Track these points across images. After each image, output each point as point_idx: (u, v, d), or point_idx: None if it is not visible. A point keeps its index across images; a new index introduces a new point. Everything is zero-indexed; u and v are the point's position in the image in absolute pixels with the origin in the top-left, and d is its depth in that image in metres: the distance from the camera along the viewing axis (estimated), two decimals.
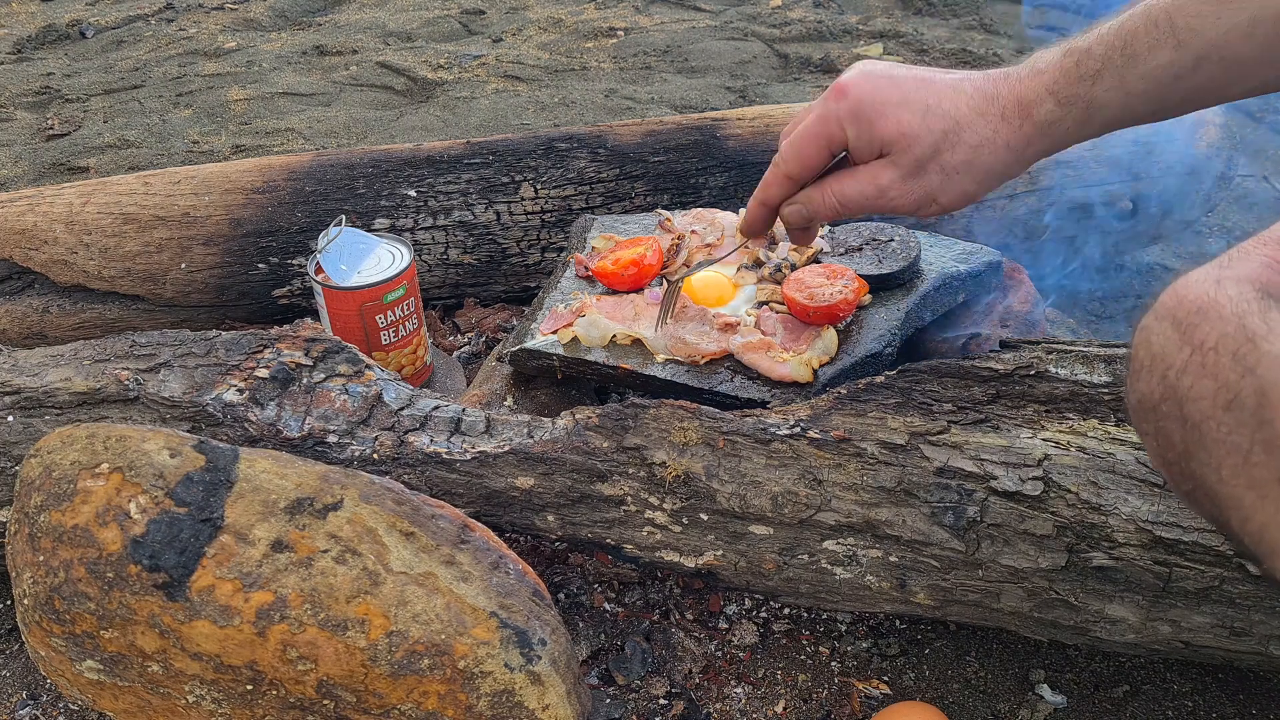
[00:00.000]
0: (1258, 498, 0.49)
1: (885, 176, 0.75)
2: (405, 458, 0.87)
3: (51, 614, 0.71)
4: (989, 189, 0.76)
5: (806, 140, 0.78)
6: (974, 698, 0.88)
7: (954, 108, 0.73)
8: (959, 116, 0.73)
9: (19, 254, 1.28)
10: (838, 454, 0.83)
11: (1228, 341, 0.50)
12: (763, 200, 0.83)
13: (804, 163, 0.78)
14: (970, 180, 0.75)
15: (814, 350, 0.96)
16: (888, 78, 0.75)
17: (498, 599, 0.71)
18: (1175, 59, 0.66)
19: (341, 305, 1.09)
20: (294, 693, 0.70)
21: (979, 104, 0.73)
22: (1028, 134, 0.72)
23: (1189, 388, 0.52)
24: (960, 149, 0.73)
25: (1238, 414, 0.49)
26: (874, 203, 0.77)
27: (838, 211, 0.79)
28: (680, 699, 0.87)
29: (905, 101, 0.73)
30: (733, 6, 2.79)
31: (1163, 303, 0.55)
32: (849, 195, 0.77)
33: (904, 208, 0.76)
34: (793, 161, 0.79)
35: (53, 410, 0.90)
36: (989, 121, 0.73)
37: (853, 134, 0.75)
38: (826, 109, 0.76)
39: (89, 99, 2.39)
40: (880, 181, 0.76)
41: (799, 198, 0.81)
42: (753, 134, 1.35)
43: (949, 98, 0.73)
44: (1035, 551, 0.79)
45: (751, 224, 0.85)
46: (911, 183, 0.75)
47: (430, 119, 2.19)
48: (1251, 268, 0.54)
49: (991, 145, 0.73)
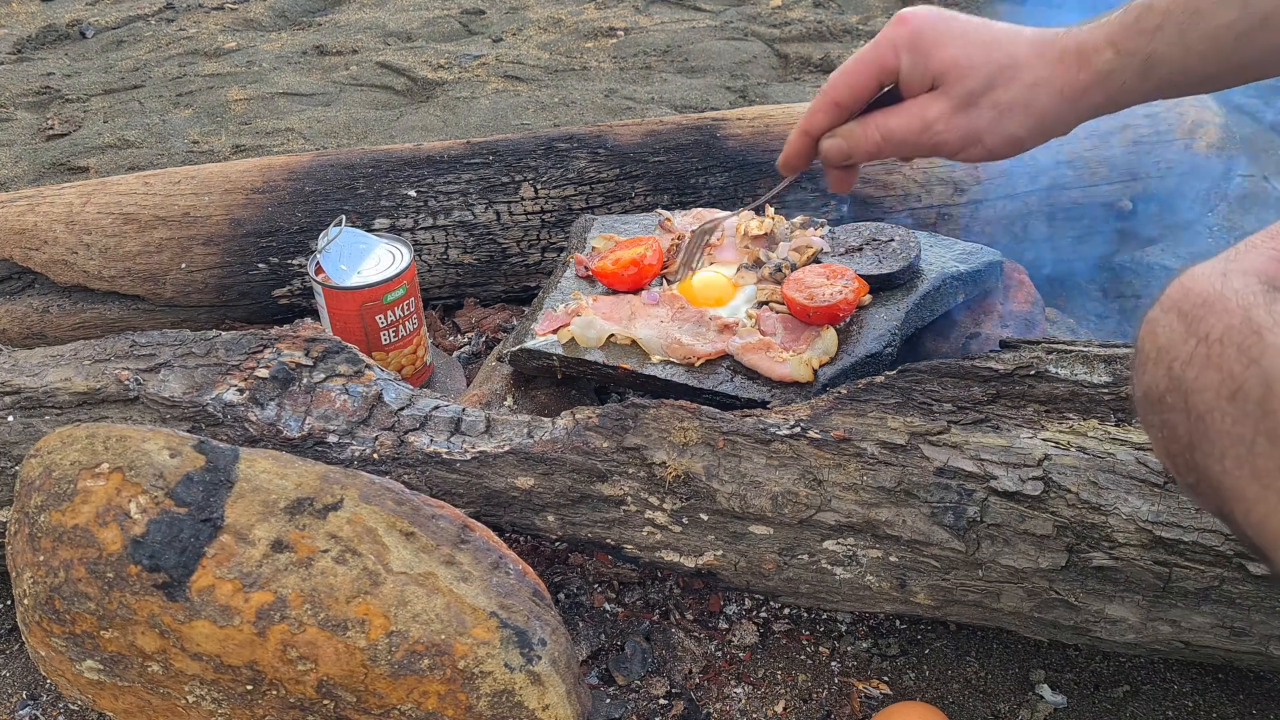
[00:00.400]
0: (1261, 489, 0.49)
1: (934, 109, 0.74)
2: (405, 458, 0.87)
3: (51, 614, 0.71)
4: (1037, 138, 0.74)
5: (858, 66, 0.76)
6: (974, 698, 0.88)
7: (1012, 45, 0.72)
8: (1016, 54, 0.72)
9: (19, 254, 1.28)
10: (838, 454, 0.83)
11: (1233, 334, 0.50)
12: (805, 129, 0.80)
13: (852, 89, 0.76)
14: (1020, 123, 0.73)
15: (814, 350, 0.96)
16: (951, 14, 0.74)
17: (498, 599, 0.71)
18: (1239, 17, 0.65)
19: (341, 305, 1.09)
20: (294, 693, 0.70)
21: (1038, 46, 0.72)
22: (1084, 81, 0.71)
23: (1194, 379, 0.52)
24: (1015, 86, 0.72)
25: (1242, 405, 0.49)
26: (918, 138, 0.75)
27: (879, 147, 0.76)
28: (680, 699, 0.87)
29: (965, 34, 0.73)
30: (733, 6, 2.79)
31: (1169, 295, 0.55)
32: (893, 128, 0.75)
33: (948, 144, 0.74)
34: (841, 87, 0.77)
35: (53, 410, 0.90)
36: (1046, 63, 0.72)
37: (907, 62, 0.74)
38: (884, 36, 0.75)
39: (89, 99, 2.39)
40: (928, 114, 0.74)
41: (840, 131, 0.79)
42: (753, 134, 1.35)
43: (1008, 37, 0.73)
44: (1035, 551, 0.79)
45: (791, 156, 0.82)
46: (960, 117, 0.73)
47: (430, 119, 2.19)
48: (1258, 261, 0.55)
49: (1047, 87, 0.72)
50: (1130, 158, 1.33)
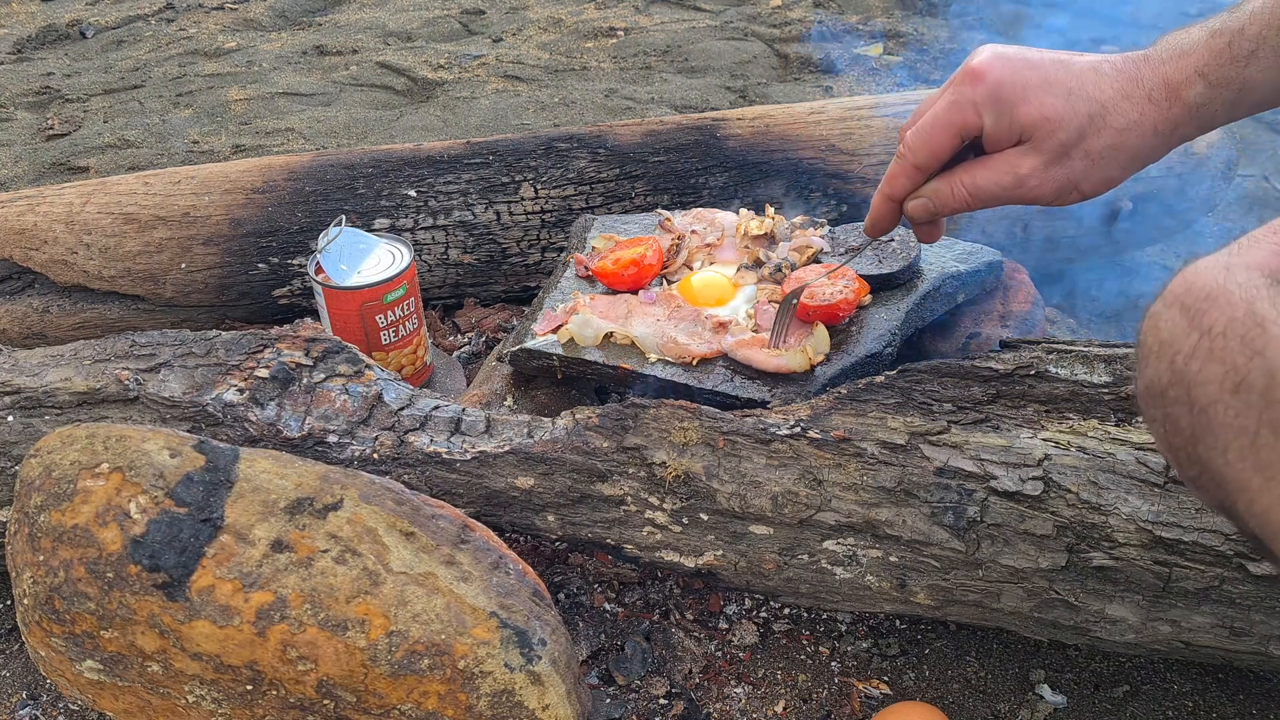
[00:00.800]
0: (1265, 480, 0.49)
1: (1026, 165, 0.72)
2: (405, 458, 0.87)
3: (51, 614, 0.71)
4: (1132, 174, 0.73)
5: (937, 128, 0.74)
6: (974, 698, 0.88)
7: (1097, 90, 0.70)
8: (1104, 100, 0.70)
9: (19, 254, 1.28)
10: (838, 454, 0.83)
11: (1236, 326, 0.50)
12: (888, 195, 0.79)
13: (933, 152, 0.75)
14: (1115, 166, 0.72)
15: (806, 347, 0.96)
16: (1024, 60, 0.71)
17: (498, 599, 0.71)
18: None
19: (341, 305, 1.09)
20: (294, 693, 0.70)
21: (1123, 86, 0.70)
22: (1176, 117, 0.70)
23: (1197, 372, 0.52)
24: (1106, 133, 0.70)
25: (1246, 397, 0.49)
26: (1010, 193, 0.73)
27: (968, 204, 0.75)
28: (680, 699, 0.87)
29: (1047, 84, 0.70)
30: (733, 6, 2.79)
31: (1171, 289, 0.55)
32: (982, 186, 0.74)
33: (1044, 197, 0.73)
34: (921, 151, 0.75)
35: (53, 410, 0.90)
36: (1135, 104, 0.70)
37: (990, 120, 0.72)
38: (960, 94, 0.72)
39: (89, 99, 2.39)
40: (1020, 170, 0.72)
41: (925, 191, 0.77)
42: (753, 134, 1.35)
43: (1091, 80, 0.71)
44: (1035, 551, 0.79)
45: (877, 222, 0.81)
46: (1054, 170, 0.72)
47: (430, 119, 2.19)
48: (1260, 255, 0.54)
49: (1139, 129, 0.70)
50: None
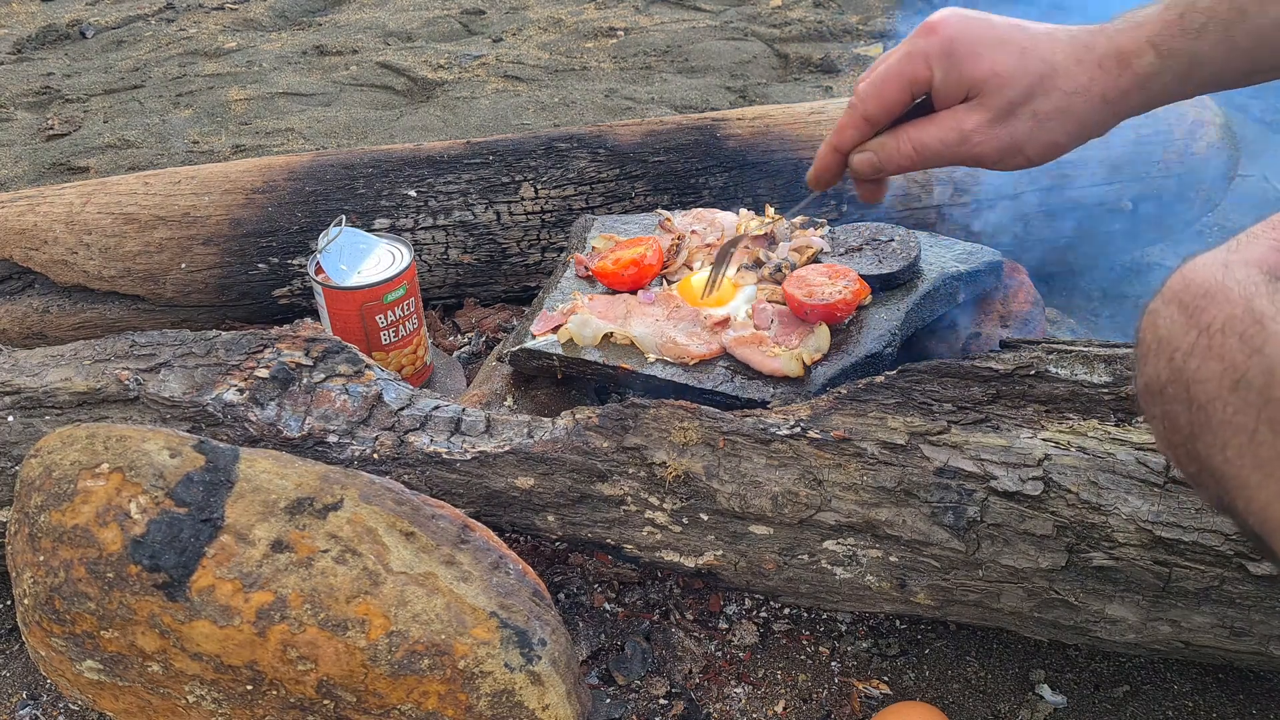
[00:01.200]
0: (1264, 477, 0.49)
1: (971, 120, 0.72)
2: (405, 458, 0.87)
3: (51, 614, 0.71)
4: (1077, 143, 0.73)
5: (889, 79, 0.74)
6: (974, 698, 0.88)
7: (1050, 53, 0.70)
8: (1055, 62, 0.70)
9: (19, 254, 1.28)
10: (838, 454, 0.83)
11: (1235, 323, 0.50)
12: (835, 145, 0.78)
13: (884, 103, 0.75)
14: (1061, 130, 0.71)
15: (806, 347, 0.96)
16: (982, 19, 0.72)
17: (498, 599, 0.71)
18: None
19: (341, 305, 1.09)
20: (294, 693, 0.70)
21: (1076, 51, 0.70)
22: (1125, 86, 0.70)
23: (1196, 369, 0.52)
24: (1055, 95, 0.70)
25: (1244, 394, 0.49)
26: (954, 150, 0.73)
27: (913, 160, 0.75)
28: (680, 699, 0.87)
29: (1000, 41, 0.71)
30: (733, 6, 2.79)
31: (1170, 287, 0.55)
32: (928, 142, 0.74)
33: (986, 156, 0.73)
34: (871, 101, 0.75)
35: (53, 410, 0.90)
36: (1086, 69, 0.70)
37: (940, 73, 0.72)
38: (914, 46, 0.72)
39: (89, 99, 2.39)
40: (965, 126, 0.72)
41: (871, 145, 0.77)
42: (753, 134, 1.35)
43: (1045, 43, 0.71)
44: (1035, 551, 0.79)
45: (821, 171, 0.81)
46: (999, 128, 0.72)
47: (430, 119, 2.19)
48: (1259, 251, 0.54)
49: (1087, 94, 0.70)
50: (1130, 157, 1.33)
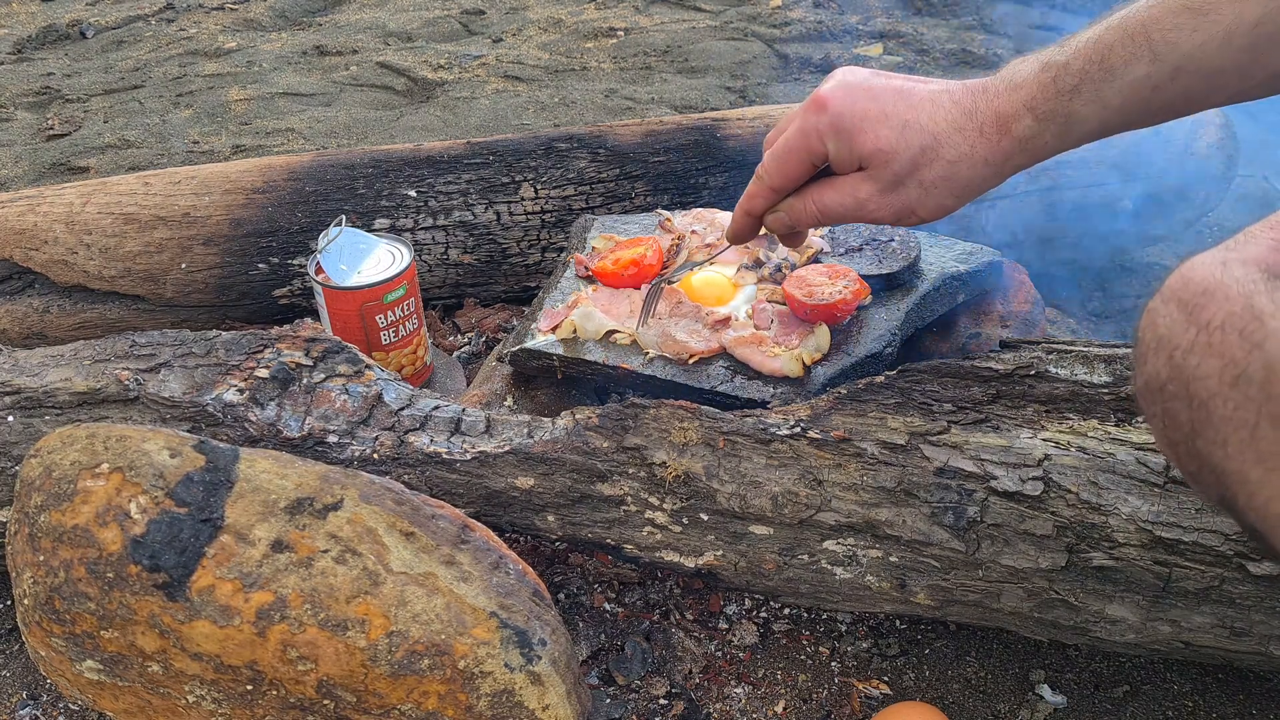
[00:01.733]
0: (1265, 472, 0.49)
1: (864, 190, 0.77)
2: (405, 458, 0.87)
3: (51, 614, 0.71)
4: (967, 201, 0.77)
5: (788, 154, 0.79)
6: (974, 698, 0.88)
7: (931, 123, 0.74)
8: (936, 132, 0.73)
9: (19, 254, 1.28)
10: (838, 454, 0.83)
11: (1234, 320, 0.50)
12: (747, 210, 0.84)
13: (786, 176, 0.80)
14: (948, 194, 0.75)
15: (806, 347, 0.96)
16: (865, 90, 0.75)
17: (498, 599, 0.71)
18: (1152, 71, 0.67)
19: (341, 305, 1.09)
20: (294, 693, 0.70)
21: (957, 119, 0.73)
22: (1006, 149, 0.73)
23: (1195, 367, 0.52)
24: (938, 164, 0.74)
25: (1245, 390, 0.49)
26: (853, 213, 0.78)
27: (819, 220, 0.80)
28: (680, 699, 0.87)
29: (883, 116, 0.74)
30: (733, 6, 2.79)
31: (1169, 285, 0.55)
32: (831, 205, 0.79)
33: (883, 219, 0.78)
34: (775, 175, 0.80)
35: (53, 410, 0.90)
36: (966, 137, 0.73)
37: (833, 148, 0.76)
38: (806, 122, 0.77)
39: (89, 99, 2.39)
40: (859, 194, 0.77)
41: (782, 207, 0.82)
42: (753, 134, 1.35)
43: (926, 112, 0.74)
44: (1035, 551, 0.79)
45: (738, 232, 0.87)
46: (890, 196, 0.76)
47: (430, 119, 2.19)
48: (1258, 250, 0.55)
49: (969, 160, 0.74)
50: (1130, 157, 1.33)
